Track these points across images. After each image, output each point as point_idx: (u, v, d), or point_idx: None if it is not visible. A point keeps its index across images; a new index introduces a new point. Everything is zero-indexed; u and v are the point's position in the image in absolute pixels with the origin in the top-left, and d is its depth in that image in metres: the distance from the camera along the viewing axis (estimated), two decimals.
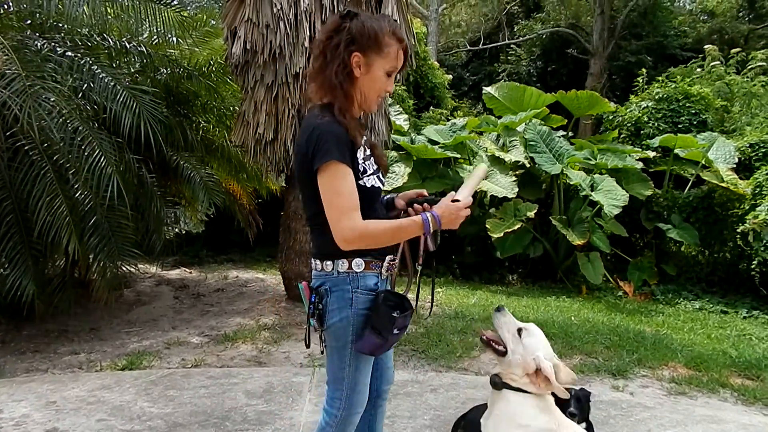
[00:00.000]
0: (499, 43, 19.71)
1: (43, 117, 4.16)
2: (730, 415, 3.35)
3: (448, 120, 9.86)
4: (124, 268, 4.97)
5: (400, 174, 7.24)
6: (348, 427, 1.85)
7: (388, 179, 6.81)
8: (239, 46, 4.92)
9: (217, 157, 6.58)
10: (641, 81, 10.18)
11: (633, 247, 8.13)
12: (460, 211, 1.72)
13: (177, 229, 8.59)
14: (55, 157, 4.50)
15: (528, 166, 7.77)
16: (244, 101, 5.20)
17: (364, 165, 1.76)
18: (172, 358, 4.20)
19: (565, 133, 8.52)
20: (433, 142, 7.84)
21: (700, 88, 9.24)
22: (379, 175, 1.84)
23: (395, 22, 1.81)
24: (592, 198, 7.09)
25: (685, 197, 7.73)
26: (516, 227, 7.05)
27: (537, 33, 18.68)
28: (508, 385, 1.95)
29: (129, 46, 5.47)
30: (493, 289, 7.15)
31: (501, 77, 17.63)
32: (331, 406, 1.84)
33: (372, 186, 1.77)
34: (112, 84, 4.79)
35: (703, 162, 7.75)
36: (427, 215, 1.69)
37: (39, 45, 4.73)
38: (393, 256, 1.84)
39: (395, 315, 1.71)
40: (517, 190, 7.36)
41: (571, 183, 7.50)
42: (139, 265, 6.03)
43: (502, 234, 7.00)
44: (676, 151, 7.98)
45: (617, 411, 3.32)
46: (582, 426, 2.29)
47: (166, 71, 6.07)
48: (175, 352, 4.35)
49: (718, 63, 11.34)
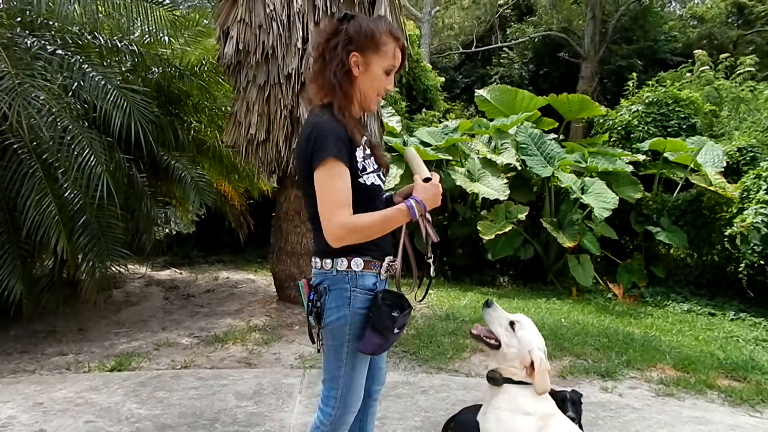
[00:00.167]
0: (492, 46, 19.80)
1: (33, 115, 4.12)
2: (718, 416, 3.39)
3: (441, 122, 9.90)
4: (114, 269, 4.93)
5: (392, 175, 7.24)
6: (342, 426, 1.85)
7: None
8: (232, 46, 4.91)
9: (208, 157, 6.55)
10: (632, 85, 10.28)
11: (623, 249, 8.19)
12: (436, 188, 1.79)
13: (167, 230, 8.54)
14: (44, 156, 4.46)
15: (519, 168, 7.80)
16: (236, 101, 5.19)
17: (363, 163, 1.78)
18: (162, 359, 4.18)
19: (556, 136, 8.57)
20: (426, 144, 7.86)
21: (690, 92, 9.34)
22: (380, 174, 1.86)
23: (392, 22, 1.85)
24: (582, 201, 7.13)
25: (674, 200, 7.80)
26: (507, 229, 7.08)
27: (529, 36, 18.79)
28: (509, 380, 1.96)
29: (120, 45, 5.44)
30: (484, 291, 7.17)
31: (493, 80, 17.73)
32: (326, 405, 1.84)
33: (372, 184, 1.79)
34: (103, 83, 4.76)
35: (692, 166, 7.83)
36: (411, 201, 1.73)
37: (29, 43, 4.69)
38: (392, 258, 1.85)
39: (395, 314, 1.73)
40: (508, 192, 7.40)
41: (562, 186, 7.54)
42: (129, 266, 5.99)
43: (494, 236, 7.02)
44: (666, 154, 8.06)
45: (606, 412, 3.34)
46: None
47: (157, 70, 6.04)
48: (165, 353, 4.32)
49: (708, 68, 11.46)
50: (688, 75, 11.73)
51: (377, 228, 1.73)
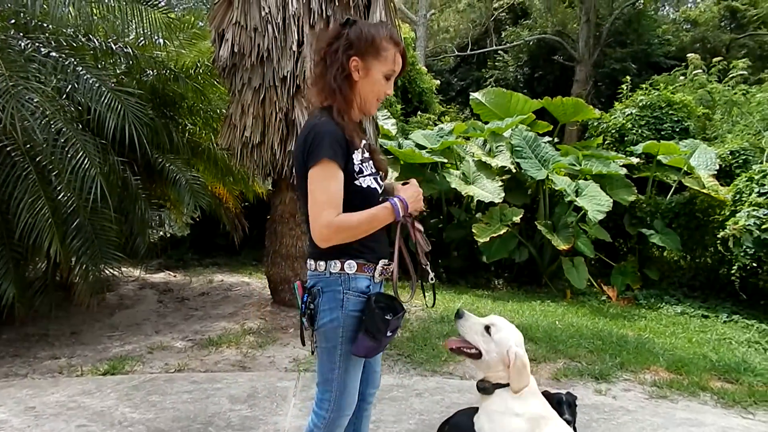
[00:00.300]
0: (487, 49, 19.87)
1: (26, 118, 4.10)
2: (710, 418, 3.41)
3: (436, 125, 9.93)
4: (107, 272, 4.91)
5: (388, 178, 7.25)
6: (336, 429, 1.85)
7: None
8: (227, 49, 4.91)
9: (203, 159, 6.54)
10: (625, 88, 10.34)
11: (617, 252, 8.23)
12: (415, 187, 1.85)
13: (162, 232, 8.50)
14: (37, 159, 4.44)
15: (514, 171, 7.83)
16: (231, 104, 5.19)
17: (360, 166, 1.80)
18: (155, 363, 4.16)
19: (550, 138, 8.61)
20: (421, 147, 7.88)
21: (683, 95, 9.41)
22: (377, 178, 1.88)
23: (393, 28, 1.87)
24: (576, 203, 7.16)
25: (667, 203, 7.85)
26: (502, 232, 7.10)
27: (524, 39, 18.86)
28: (500, 385, 1.96)
29: (115, 48, 5.43)
30: (479, 294, 7.18)
31: (488, 83, 17.79)
32: (320, 408, 1.85)
33: (368, 187, 1.81)
34: (97, 85, 4.74)
35: (685, 168, 7.88)
36: (394, 199, 1.77)
37: (23, 45, 4.67)
38: (387, 261, 1.86)
39: (388, 318, 1.73)
40: (503, 195, 7.42)
41: (557, 188, 7.57)
42: (123, 269, 5.96)
43: (488, 239, 7.05)
44: (659, 157, 8.11)
45: (600, 414, 3.35)
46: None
47: (152, 73, 6.03)
48: (158, 357, 4.31)
49: (701, 71, 11.55)
50: (682, 78, 11.81)
51: (363, 227, 1.74)
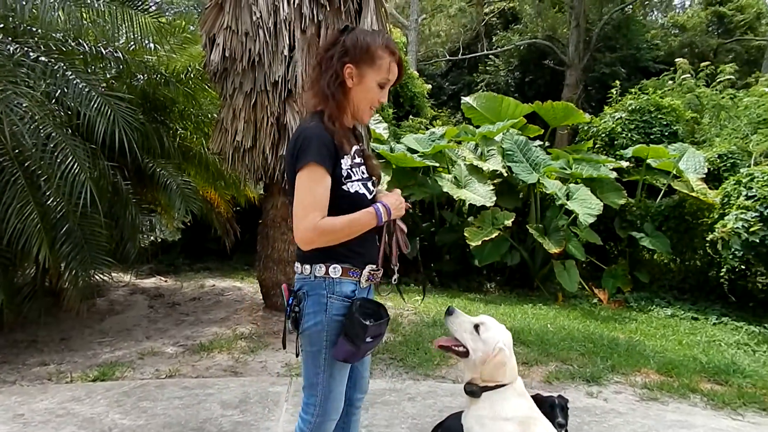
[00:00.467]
0: (478, 54, 20.00)
1: (15, 122, 4.08)
2: (700, 419, 3.43)
3: (428, 129, 9.95)
4: (97, 277, 4.88)
5: (381, 183, 7.27)
6: None
7: None
8: (218, 54, 4.90)
9: (194, 164, 6.52)
10: (615, 93, 10.44)
11: (607, 255, 8.28)
12: (398, 195, 1.87)
13: (152, 237, 8.44)
14: (26, 164, 4.41)
15: (505, 175, 7.87)
16: (223, 108, 5.17)
17: (349, 171, 1.80)
18: (146, 369, 4.13)
19: (541, 142, 8.66)
20: (413, 151, 7.90)
21: (672, 100, 9.51)
22: (368, 184, 1.88)
23: (389, 36, 1.87)
24: (567, 207, 7.21)
25: (657, 206, 7.92)
26: (494, 235, 7.12)
27: (515, 44, 19.00)
28: (487, 387, 1.96)
29: (105, 52, 5.41)
30: (471, 297, 7.20)
31: (480, 87, 17.89)
32: (306, 412, 1.84)
33: (356, 192, 1.81)
34: (87, 90, 4.72)
35: (674, 172, 7.96)
36: (378, 204, 1.79)
37: (11, 49, 4.64)
38: (374, 266, 1.85)
39: (367, 323, 1.72)
40: (494, 198, 7.45)
41: (548, 192, 7.62)
42: (113, 274, 5.92)
43: (480, 242, 7.07)
44: (649, 161, 8.18)
45: (591, 417, 3.37)
46: None
47: (143, 77, 6.01)
48: (149, 363, 4.27)
49: (689, 76, 11.67)
50: (670, 83, 11.93)
51: (346, 230, 1.75)
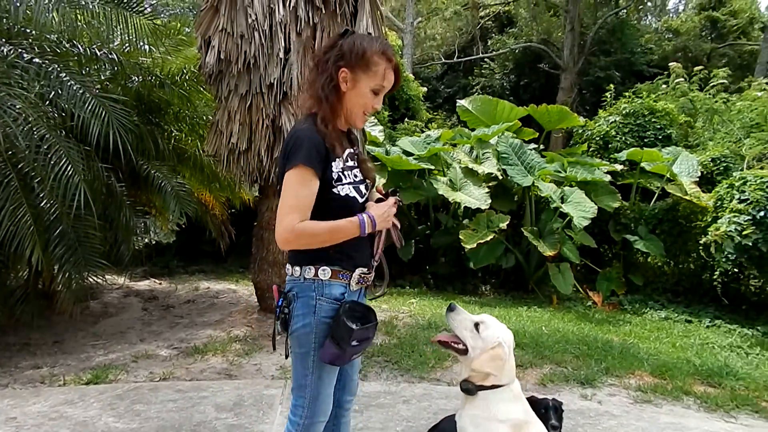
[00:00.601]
0: (473, 57, 20.06)
1: (9, 124, 4.06)
2: (693, 422, 3.45)
3: (423, 132, 9.98)
4: (91, 279, 4.85)
5: (374, 186, 7.27)
6: None
7: None
8: (213, 56, 4.89)
9: (189, 166, 6.50)
10: (609, 96, 10.50)
11: (602, 258, 8.31)
12: (388, 207, 1.84)
13: (147, 239, 8.41)
14: (19, 166, 4.39)
15: (500, 178, 7.89)
16: (218, 111, 5.17)
17: (341, 174, 1.80)
18: (140, 372, 4.11)
19: (536, 146, 8.69)
20: (408, 154, 7.91)
21: (665, 104, 9.56)
22: (360, 187, 1.87)
23: (387, 43, 1.87)
24: (562, 210, 7.23)
25: (651, 209, 7.95)
26: (489, 238, 7.14)
27: (510, 48, 19.09)
28: (483, 387, 1.96)
29: (99, 54, 5.40)
30: (467, 300, 7.20)
31: (475, 90, 17.96)
32: (294, 414, 1.84)
33: (346, 195, 1.81)
34: (81, 91, 4.71)
35: (667, 175, 8.00)
36: (363, 216, 1.77)
37: (5, 51, 4.62)
38: (365, 270, 1.85)
39: (354, 327, 1.72)
40: (489, 201, 7.47)
41: (542, 195, 7.64)
42: (107, 276, 5.90)
43: (475, 245, 7.08)
44: (643, 164, 8.22)
45: (585, 419, 3.37)
46: None
47: (137, 79, 6.00)
48: (143, 366, 4.25)
49: (682, 80, 11.76)
50: (664, 87, 12.02)
51: (325, 236, 1.74)
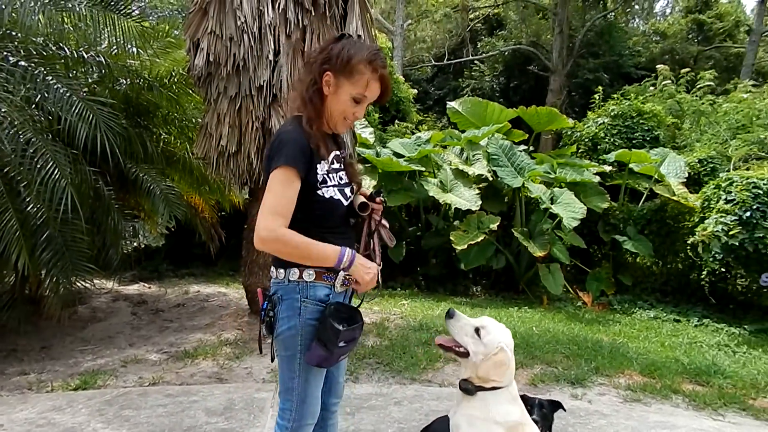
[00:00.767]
0: (463, 59, 20.15)
1: None
2: (682, 420, 3.48)
3: (413, 133, 10.01)
4: (79, 284, 4.80)
5: (365, 187, 7.24)
6: None
7: None
8: (202, 58, 4.87)
9: (178, 169, 6.45)
10: (598, 98, 10.59)
11: (591, 258, 8.37)
12: (372, 272, 1.78)
13: (136, 243, 8.34)
14: (5, 169, 4.34)
15: (491, 179, 7.93)
16: (207, 113, 5.14)
17: (325, 176, 1.79)
18: (129, 377, 4.07)
19: (526, 147, 8.74)
20: (398, 155, 7.93)
21: (653, 105, 9.67)
22: (345, 189, 1.86)
23: (379, 54, 1.83)
24: (552, 211, 7.28)
25: (639, 210, 8.03)
26: (479, 239, 7.17)
27: (499, 50, 19.19)
28: (482, 388, 1.97)
29: (87, 56, 5.34)
30: (458, 301, 7.22)
31: (465, 92, 18.03)
32: (282, 418, 1.83)
33: (330, 198, 1.80)
34: (68, 95, 4.66)
35: (655, 176, 8.08)
36: (345, 255, 1.73)
37: None
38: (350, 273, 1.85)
39: (340, 328, 1.72)
40: (480, 202, 7.50)
41: (532, 196, 7.69)
42: (95, 281, 5.81)
43: (466, 246, 7.10)
44: (631, 165, 8.30)
45: (576, 419, 3.39)
46: None
47: (125, 82, 5.95)
48: (132, 370, 4.21)
49: (670, 82, 11.89)
50: (652, 89, 12.15)
51: (301, 251, 1.72)
